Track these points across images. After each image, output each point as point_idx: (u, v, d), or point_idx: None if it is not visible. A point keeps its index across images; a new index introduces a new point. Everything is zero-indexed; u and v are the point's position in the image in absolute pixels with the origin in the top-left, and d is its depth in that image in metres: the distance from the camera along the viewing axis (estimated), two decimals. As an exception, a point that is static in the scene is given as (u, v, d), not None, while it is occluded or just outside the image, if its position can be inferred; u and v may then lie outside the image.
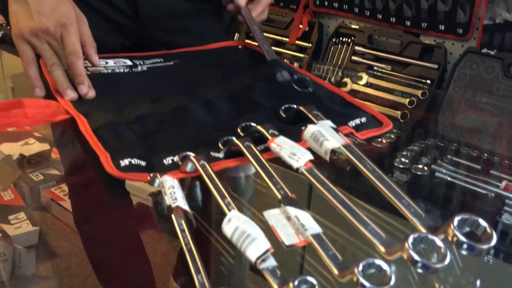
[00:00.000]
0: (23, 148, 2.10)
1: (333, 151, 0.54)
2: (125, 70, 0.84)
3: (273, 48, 1.73)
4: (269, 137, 0.57)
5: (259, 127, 0.59)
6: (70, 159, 1.02)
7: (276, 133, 0.58)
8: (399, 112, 1.24)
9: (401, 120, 1.23)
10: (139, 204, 1.14)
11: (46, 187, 1.94)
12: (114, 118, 0.65)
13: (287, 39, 1.71)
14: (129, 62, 0.88)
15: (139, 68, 0.86)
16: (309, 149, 0.55)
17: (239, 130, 0.62)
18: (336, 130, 0.57)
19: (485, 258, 0.70)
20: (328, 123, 0.59)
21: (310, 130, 0.56)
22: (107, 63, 0.86)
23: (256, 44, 0.89)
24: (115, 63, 0.86)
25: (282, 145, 0.53)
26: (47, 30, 0.71)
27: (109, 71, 0.83)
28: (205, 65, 0.89)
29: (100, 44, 0.79)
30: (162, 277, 1.34)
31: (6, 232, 1.59)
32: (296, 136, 0.58)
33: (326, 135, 0.54)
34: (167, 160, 0.56)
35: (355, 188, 0.79)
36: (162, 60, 0.90)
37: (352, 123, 0.66)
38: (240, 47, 0.94)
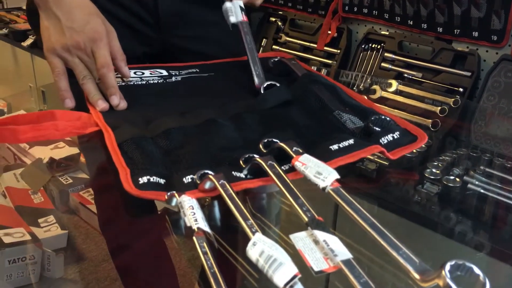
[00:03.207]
0: (53, 151, 2.14)
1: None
2: (159, 81, 0.85)
3: (301, 54, 1.73)
4: (293, 155, 0.55)
5: (282, 144, 0.57)
6: (96, 166, 1.03)
7: (300, 150, 0.56)
8: (430, 120, 1.20)
9: (432, 129, 1.20)
10: (164, 209, 1.14)
11: (75, 191, 1.97)
12: (141, 131, 0.65)
13: (315, 45, 1.70)
14: (164, 73, 0.88)
15: (173, 79, 0.86)
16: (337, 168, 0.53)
17: (261, 146, 0.60)
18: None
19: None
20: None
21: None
22: (143, 73, 0.86)
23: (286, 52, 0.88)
24: (151, 74, 0.87)
25: (307, 164, 0.52)
26: (78, 46, 0.73)
27: (144, 82, 0.84)
28: (239, 79, 0.88)
29: (125, 53, 0.80)
30: (187, 283, 1.34)
31: (36, 236, 1.62)
32: (323, 155, 0.57)
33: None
34: (187, 179, 0.55)
35: (383, 198, 0.77)
36: (198, 71, 0.90)
37: (384, 139, 0.63)
38: (276, 59, 0.92)
